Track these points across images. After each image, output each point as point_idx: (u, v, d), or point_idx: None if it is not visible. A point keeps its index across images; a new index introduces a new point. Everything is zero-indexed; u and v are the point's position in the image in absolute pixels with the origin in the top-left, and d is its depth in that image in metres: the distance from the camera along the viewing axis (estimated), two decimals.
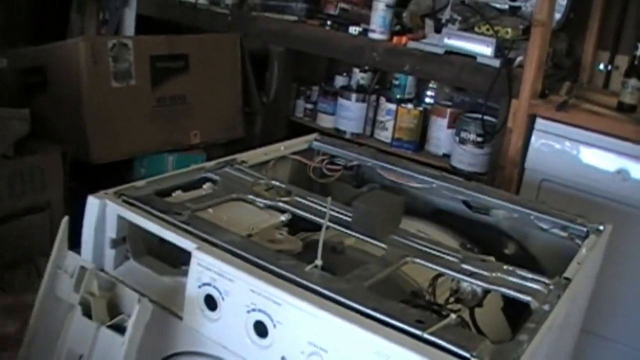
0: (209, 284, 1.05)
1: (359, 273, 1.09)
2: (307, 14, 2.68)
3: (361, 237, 1.21)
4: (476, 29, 2.32)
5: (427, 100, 2.76)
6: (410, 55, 2.38)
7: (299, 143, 1.67)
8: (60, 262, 1.14)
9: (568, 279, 1.16)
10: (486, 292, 1.17)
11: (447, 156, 2.57)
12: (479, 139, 2.45)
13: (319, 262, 1.07)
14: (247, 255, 1.07)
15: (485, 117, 2.38)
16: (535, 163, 2.14)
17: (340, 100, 2.75)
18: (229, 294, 1.03)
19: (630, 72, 2.06)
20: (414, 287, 1.23)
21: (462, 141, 2.48)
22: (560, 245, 1.43)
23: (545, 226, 1.43)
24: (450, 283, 1.20)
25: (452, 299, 1.17)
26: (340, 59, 2.77)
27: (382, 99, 2.72)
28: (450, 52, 2.32)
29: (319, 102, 2.84)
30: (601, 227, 1.40)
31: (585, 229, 1.39)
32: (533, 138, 2.12)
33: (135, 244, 1.23)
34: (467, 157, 2.48)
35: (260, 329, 1.01)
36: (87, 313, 1.08)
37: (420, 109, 2.66)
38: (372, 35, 2.49)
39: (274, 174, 1.54)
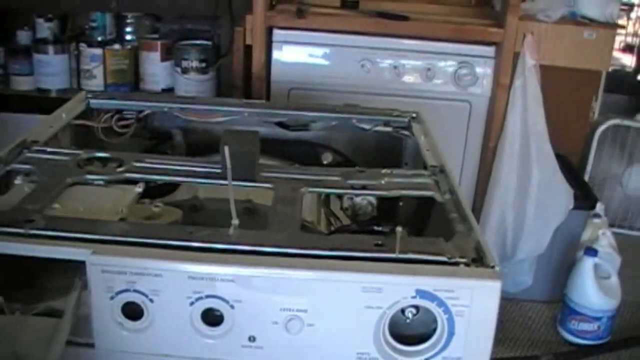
0: (126, 290, 0.85)
1: (278, 219, 0.97)
2: None
3: (242, 184, 1.08)
4: None
5: (130, 37, 2.54)
6: None
7: (75, 105, 1.40)
8: None
9: (437, 166, 1.19)
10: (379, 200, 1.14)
11: (168, 90, 2.42)
12: (203, 65, 2.35)
13: (235, 221, 0.93)
14: (157, 242, 0.88)
15: (203, 42, 2.30)
16: (281, 74, 2.13)
17: (37, 57, 2.37)
18: (159, 292, 0.85)
19: None
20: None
21: (185, 71, 2.36)
22: (383, 142, 1.46)
23: (367, 126, 1.44)
24: (342, 202, 1.15)
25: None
26: (31, 7, 2.39)
27: (83, 45, 2.43)
28: None
29: (10, 64, 2.42)
30: (414, 115, 1.45)
31: (405, 120, 1.43)
32: (275, 50, 2.11)
33: None
34: (193, 86, 2.37)
35: (212, 317, 0.85)
36: None
37: (129, 47, 2.45)
38: None
39: (64, 145, 1.28)
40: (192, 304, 0.85)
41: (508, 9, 2.00)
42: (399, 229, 0.95)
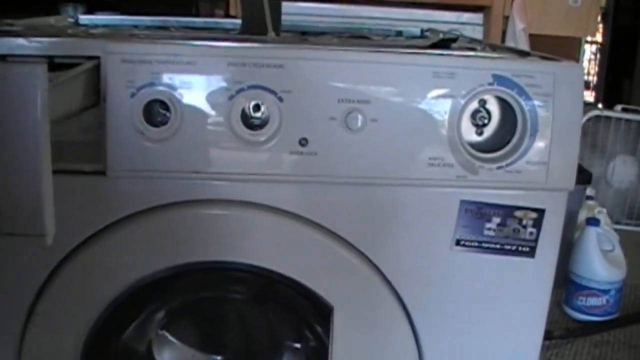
0: (150, 84, 0.70)
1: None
2: None
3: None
4: None
5: None
6: None
7: (62, 19, 1.25)
8: None
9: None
10: None
11: None
12: None
13: (272, 33, 0.81)
14: (185, 41, 0.75)
15: None
16: None
17: None
18: (191, 84, 0.70)
19: None
20: None
21: None
22: None
23: (378, 38, 1.34)
24: None
25: None
26: None
27: None
28: None
29: None
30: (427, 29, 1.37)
31: (418, 29, 1.35)
32: None
33: None
34: None
35: (253, 121, 0.72)
36: None
37: None
38: None
39: None
40: (231, 97, 0.71)
41: None
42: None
